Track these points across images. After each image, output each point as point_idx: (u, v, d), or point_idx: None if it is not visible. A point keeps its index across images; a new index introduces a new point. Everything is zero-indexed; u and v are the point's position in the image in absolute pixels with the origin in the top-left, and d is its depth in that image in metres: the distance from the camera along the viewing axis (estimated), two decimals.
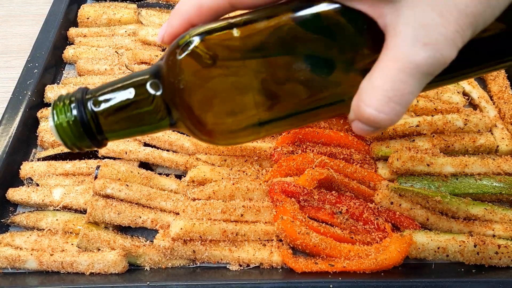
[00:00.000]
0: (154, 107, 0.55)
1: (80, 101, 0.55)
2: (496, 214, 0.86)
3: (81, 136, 0.56)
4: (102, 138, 0.57)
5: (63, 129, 0.56)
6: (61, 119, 0.55)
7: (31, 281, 0.82)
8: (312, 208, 0.86)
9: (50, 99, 1.10)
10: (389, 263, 0.79)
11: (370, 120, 0.51)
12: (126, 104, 0.55)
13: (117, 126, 0.56)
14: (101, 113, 0.55)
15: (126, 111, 0.55)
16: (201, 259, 0.84)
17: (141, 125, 0.57)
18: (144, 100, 0.55)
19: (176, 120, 0.57)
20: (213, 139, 0.58)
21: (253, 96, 0.54)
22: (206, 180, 0.92)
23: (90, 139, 0.56)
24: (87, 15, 1.26)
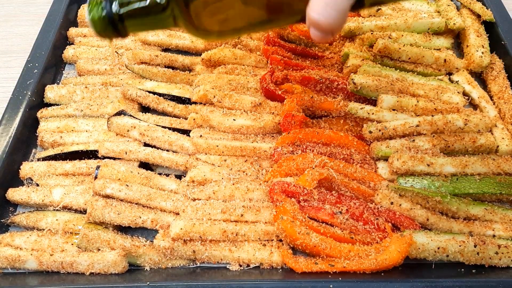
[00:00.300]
0: (161, 9, 0.71)
1: (108, 2, 0.73)
2: (496, 214, 0.86)
3: (107, 26, 0.74)
4: (122, 29, 0.74)
5: (95, 21, 0.74)
6: (94, 14, 0.74)
7: (31, 281, 0.82)
8: (312, 208, 0.86)
9: (50, 99, 1.10)
10: (389, 263, 0.78)
11: (315, 24, 0.67)
12: (140, 6, 0.72)
13: (134, 19, 0.73)
14: (123, 12, 0.72)
15: (140, 12, 0.72)
16: (201, 259, 0.84)
17: (151, 19, 0.74)
18: (153, 3, 0.71)
19: (175, 15, 0.72)
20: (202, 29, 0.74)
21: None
22: (206, 180, 0.92)
23: (114, 30, 0.74)
24: None
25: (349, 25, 1.14)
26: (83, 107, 1.06)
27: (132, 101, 1.07)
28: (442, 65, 1.11)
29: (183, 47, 1.19)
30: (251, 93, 1.06)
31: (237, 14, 0.74)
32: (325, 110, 1.01)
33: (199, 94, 1.03)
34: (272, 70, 1.06)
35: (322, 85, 1.04)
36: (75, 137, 1.02)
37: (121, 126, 0.99)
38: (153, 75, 1.12)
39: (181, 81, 1.12)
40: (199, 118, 1.00)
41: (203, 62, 1.13)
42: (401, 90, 1.01)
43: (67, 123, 1.04)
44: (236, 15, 0.74)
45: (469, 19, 1.19)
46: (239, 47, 1.16)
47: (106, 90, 1.10)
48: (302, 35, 1.17)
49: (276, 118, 1.00)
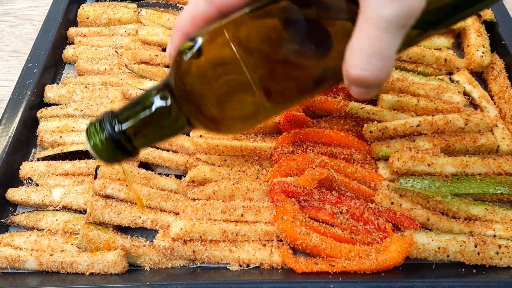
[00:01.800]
0: (169, 115, 0.64)
1: (109, 123, 0.65)
2: (496, 214, 0.85)
3: (114, 150, 0.66)
4: (133, 149, 0.66)
5: (98, 149, 0.66)
6: (95, 140, 0.65)
7: (31, 281, 0.81)
8: (313, 208, 0.86)
9: (49, 99, 1.10)
10: (390, 263, 0.78)
11: (359, 81, 0.56)
12: (145, 118, 0.64)
13: (143, 136, 0.66)
14: (127, 129, 0.64)
15: (146, 123, 0.65)
16: (201, 259, 0.84)
17: (163, 131, 0.67)
18: (159, 111, 0.64)
19: (188, 119, 0.64)
20: (224, 128, 0.66)
21: (254, 85, 0.60)
22: (206, 180, 0.91)
23: (122, 152, 0.66)
24: (87, 15, 1.26)
25: None
26: (83, 107, 1.06)
27: None
28: (443, 64, 1.11)
29: None
30: None
31: (259, 96, 0.61)
32: (326, 109, 1.01)
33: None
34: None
35: None
36: (75, 137, 1.02)
37: None
38: (153, 75, 1.12)
39: None
40: None
41: None
42: (402, 90, 1.01)
43: (67, 123, 1.04)
44: (258, 98, 0.61)
45: (469, 19, 1.19)
46: None
47: (106, 90, 1.09)
48: None
49: (276, 118, 1.00)
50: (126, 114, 0.65)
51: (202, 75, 0.60)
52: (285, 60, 0.60)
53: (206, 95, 0.61)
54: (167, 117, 0.64)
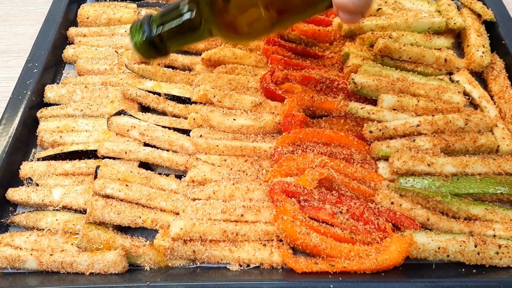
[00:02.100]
0: (195, 23, 0.79)
1: (148, 23, 0.80)
2: (496, 214, 0.85)
3: (150, 49, 0.81)
4: (164, 49, 0.83)
5: (138, 47, 0.82)
6: (136, 39, 0.81)
7: (31, 281, 0.81)
8: (313, 208, 0.86)
9: (49, 99, 1.10)
10: (390, 263, 0.78)
11: (343, 7, 0.69)
12: (175, 24, 0.79)
13: (173, 39, 0.81)
14: (160, 32, 0.80)
15: (176, 29, 0.80)
16: (201, 259, 0.84)
17: (189, 37, 0.82)
18: (186, 19, 0.79)
19: (210, 28, 0.79)
20: (237, 36, 0.82)
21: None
22: (206, 180, 0.91)
23: (156, 51, 0.82)
24: (87, 15, 1.26)
25: (349, 25, 1.14)
26: (83, 107, 1.06)
27: (132, 101, 1.07)
28: (443, 64, 1.10)
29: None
30: (251, 92, 1.06)
31: (264, 13, 0.78)
32: (326, 110, 1.01)
33: (199, 94, 1.03)
34: (272, 70, 1.06)
35: (322, 85, 1.04)
36: (75, 137, 1.02)
37: (121, 126, 0.99)
38: (153, 75, 1.12)
39: (181, 80, 1.12)
40: (199, 118, 1.00)
41: (203, 62, 1.13)
42: (402, 90, 1.01)
43: (67, 123, 1.04)
44: (263, 15, 0.78)
45: (469, 19, 1.19)
46: (239, 47, 1.16)
47: (106, 90, 1.09)
48: (303, 35, 1.16)
49: (276, 118, 1.00)
50: (161, 19, 0.80)
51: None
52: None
53: (224, 6, 0.77)
54: (193, 24, 0.79)
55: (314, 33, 1.16)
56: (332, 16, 1.21)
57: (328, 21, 1.20)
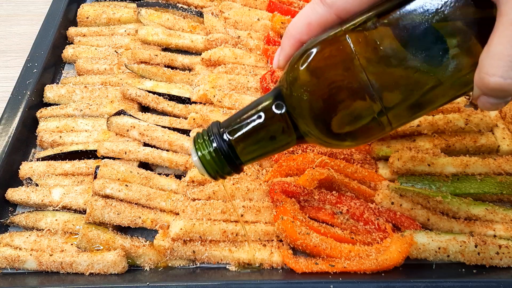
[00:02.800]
0: (281, 126, 0.61)
1: (217, 134, 0.63)
2: (497, 214, 0.85)
3: (222, 164, 0.63)
4: (239, 164, 0.64)
5: (206, 161, 0.63)
6: (203, 152, 0.63)
7: (31, 281, 0.81)
8: (313, 208, 0.86)
9: (49, 99, 1.10)
10: (390, 263, 0.78)
11: (497, 90, 0.51)
12: (256, 129, 0.62)
13: (252, 150, 0.64)
14: (237, 141, 0.62)
15: (257, 135, 0.62)
16: (201, 259, 0.83)
17: (272, 145, 0.63)
18: (271, 121, 0.61)
19: (303, 132, 0.61)
20: (341, 141, 0.62)
21: (376, 96, 0.56)
22: (206, 180, 0.91)
23: (230, 166, 0.63)
24: (87, 15, 1.26)
25: None
26: (83, 107, 1.06)
27: (132, 101, 1.07)
28: None
29: (182, 46, 1.19)
30: (251, 93, 1.06)
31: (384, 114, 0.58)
32: None
33: (199, 94, 1.03)
34: (272, 70, 1.06)
35: None
36: (74, 137, 1.01)
37: (121, 126, 0.99)
38: (153, 75, 1.12)
39: (180, 80, 1.12)
40: (199, 118, 1.00)
41: (203, 62, 1.13)
42: None
43: (67, 123, 1.04)
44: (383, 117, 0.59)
45: None
46: (239, 47, 1.15)
47: (106, 90, 1.09)
48: None
49: None
50: (235, 124, 0.63)
51: (323, 86, 0.58)
52: (409, 71, 0.56)
53: (325, 106, 0.59)
54: (278, 128, 0.62)
55: None
56: None
57: None
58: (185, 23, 1.23)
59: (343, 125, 0.60)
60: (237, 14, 1.21)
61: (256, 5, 1.25)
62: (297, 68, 0.59)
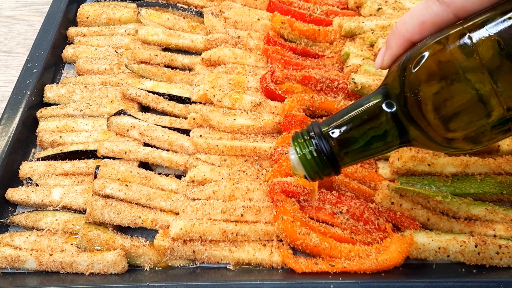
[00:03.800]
0: (388, 127, 0.60)
1: (319, 134, 0.62)
2: (497, 214, 0.85)
3: (323, 164, 0.62)
4: (339, 165, 0.63)
5: (306, 161, 0.63)
6: (304, 152, 0.63)
7: (31, 281, 0.81)
8: (313, 208, 0.86)
9: (49, 99, 1.10)
10: (390, 263, 0.78)
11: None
12: (362, 130, 0.61)
13: (354, 151, 0.62)
14: (340, 142, 0.61)
15: (362, 136, 0.61)
16: (201, 259, 0.83)
17: (375, 147, 0.62)
18: (379, 121, 0.60)
19: (411, 134, 0.60)
20: (457, 145, 0.59)
21: (497, 99, 0.54)
22: (206, 180, 0.91)
23: (329, 166, 0.62)
24: (87, 15, 1.26)
25: (349, 25, 1.14)
26: (83, 107, 1.06)
27: (132, 101, 1.07)
28: None
29: (182, 46, 1.19)
30: (251, 92, 1.06)
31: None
32: (326, 109, 1.01)
33: (199, 94, 1.03)
34: (272, 70, 1.06)
35: (322, 85, 1.03)
36: (74, 137, 1.01)
37: (121, 126, 0.99)
38: (153, 75, 1.12)
39: (181, 80, 1.12)
40: (199, 118, 1.00)
41: (203, 62, 1.13)
42: None
43: (67, 123, 1.04)
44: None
45: None
46: (239, 47, 1.15)
47: (106, 90, 1.09)
48: (303, 35, 1.16)
49: (276, 117, 0.99)
50: (338, 124, 0.61)
51: (443, 89, 0.55)
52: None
53: (443, 109, 0.56)
54: (385, 129, 0.60)
55: (314, 33, 1.16)
56: (332, 16, 1.21)
57: (328, 21, 1.20)
58: (185, 23, 1.23)
59: (460, 129, 0.57)
60: (237, 14, 1.21)
61: (256, 5, 1.25)
62: (416, 69, 0.56)
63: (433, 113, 0.57)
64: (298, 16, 1.20)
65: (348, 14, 1.23)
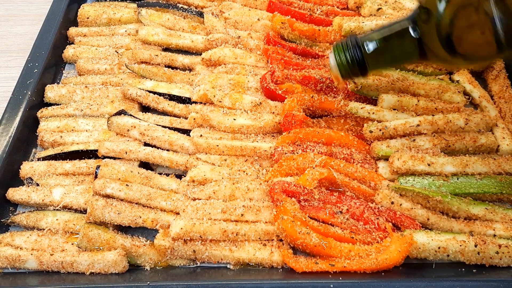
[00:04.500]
0: (412, 48, 0.78)
1: (355, 43, 0.81)
2: (496, 214, 0.85)
3: (354, 68, 0.83)
4: (367, 70, 0.83)
5: (342, 65, 0.83)
6: (341, 57, 0.83)
7: (31, 281, 0.82)
8: (313, 208, 0.86)
9: (50, 99, 1.10)
10: (390, 263, 0.78)
11: None
12: (389, 46, 0.80)
13: (381, 61, 0.83)
14: (371, 51, 0.80)
15: (389, 51, 0.81)
16: (201, 259, 0.84)
17: (398, 58, 0.82)
18: (405, 42, 0.78)
19: (428, 47, 0.76)
20: (465, 60, 0.77)
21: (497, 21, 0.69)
22: (206, 180, 0.91)
23: (361, 70, 0.83)
24: (87, 15, 1.26)
25: (349, 25, 1.14)
26: (83, 107, 1.06)
27: (132, 101, 1.07)
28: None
29: (183, 46, 1.19)
30: (251, 92, 1.06)
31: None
32: (326, 109, 1.01)
33: (199, 94, 1.03)
34: (272, 70, 1.06)
35: (322, 85, 1.04)
36: (75, 137, 1.02)
37: (121, 126, 0.99)
38: (153, 75, 1.12)
39: (181, 80, 1.12)
40: (199, 118, 1.00)
41: (203, 62, 1.13)
42: (402, 90, 1.01)
43: (67, 123, 1.04)
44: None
45: None
46: (239, 47, 1.16)
47: (106, 90, 1.10)
48: (303, 35, 1.16)
49: (276, 117, 1.00)
50: (374, 38, 0.80)
51: (462, 6, 0.71)
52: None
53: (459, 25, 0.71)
54: (407, 42, 0.77)
55: (314, 33, 1.16)
56: (332, 16, 1.21)
57: (328, 21, 1.20)
58: (185, 23, 1.23)
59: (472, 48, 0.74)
60: (237, 14, 1.21)
61: (256, 5, 1.26)
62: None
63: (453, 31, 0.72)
64: (298, 16, 1.20)
65: (348, 14, 1.23)
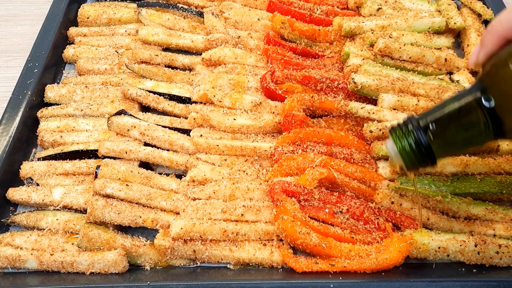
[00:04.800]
0: (485, 121, 0.63)
1: (417, 127, 0.65)
2: (497, 214, 0.85)
3: (422, 157, 0.66)
4: (435, 157, 0.66)
5: (406, 153, 0.66)
6: (403, 144, 0.66)
7: (31, 281, 0.82)
8: (313, 208, 0.86)
9: (50, 99, 1.10)
10: (390, 263, 0.78)
11: None
12: (458, 123, 0.64)
13: (450, 145, 0.66)
14: (437, 135, 0.65)
15: (458, 130, 0.64)
16: (202, 258, 0.84)
17: (471, 140, 0.66)
18: (476, 115, 0.63)
19: (507, 128, 0.63)
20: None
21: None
22: (207, 179, 0.91)
23: (426, 158, 0.66)
24: (87, 15, 1.26)
25: (349, 25, 1.14)
26: (83, 107, 1.06)
27: (132, 101, 1.07)
28: (443, 64, 1.11)
29: (183, 46, 1.19)
30: (252, 92, 1.06)
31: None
32: (326, 109, 1.01)
33: (200, 94, 1.03)
34: (272, 70, 1.06)
35: (322, 85, 1.04)
36: (75, 137, 1.02)
37: (121, 126, 0.99)
38: (153, 75, 1.12)
39: (181, 80, 1.12)
40: (199, 118, 1.00)
41: (203, 62, 1.13)
42: (402, 90, 1.01)
43: (67, 123, 1.04)
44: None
45: (469, 19, 1.19)
46: (239, 47, 1.16)
47: (106, 90, 1.10)
48: (303, 35, 1.17)
49: (277, 117, 1.00)
50: (438, 119, 0.65)
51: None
52: None
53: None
54: (480, 122, 0.63)
55: (314, 33, 1.17)
56: (332, 16, 1.21)
57: (328, 21, 1.20)
58: (185, 23, 1.23)
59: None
60: (237, 14, 1.21)
61: (256, 5, 1.26)
62: (506, 65, 0.60)
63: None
64: (298, 16, 1.20)
65: (348, 14, 1.23)
